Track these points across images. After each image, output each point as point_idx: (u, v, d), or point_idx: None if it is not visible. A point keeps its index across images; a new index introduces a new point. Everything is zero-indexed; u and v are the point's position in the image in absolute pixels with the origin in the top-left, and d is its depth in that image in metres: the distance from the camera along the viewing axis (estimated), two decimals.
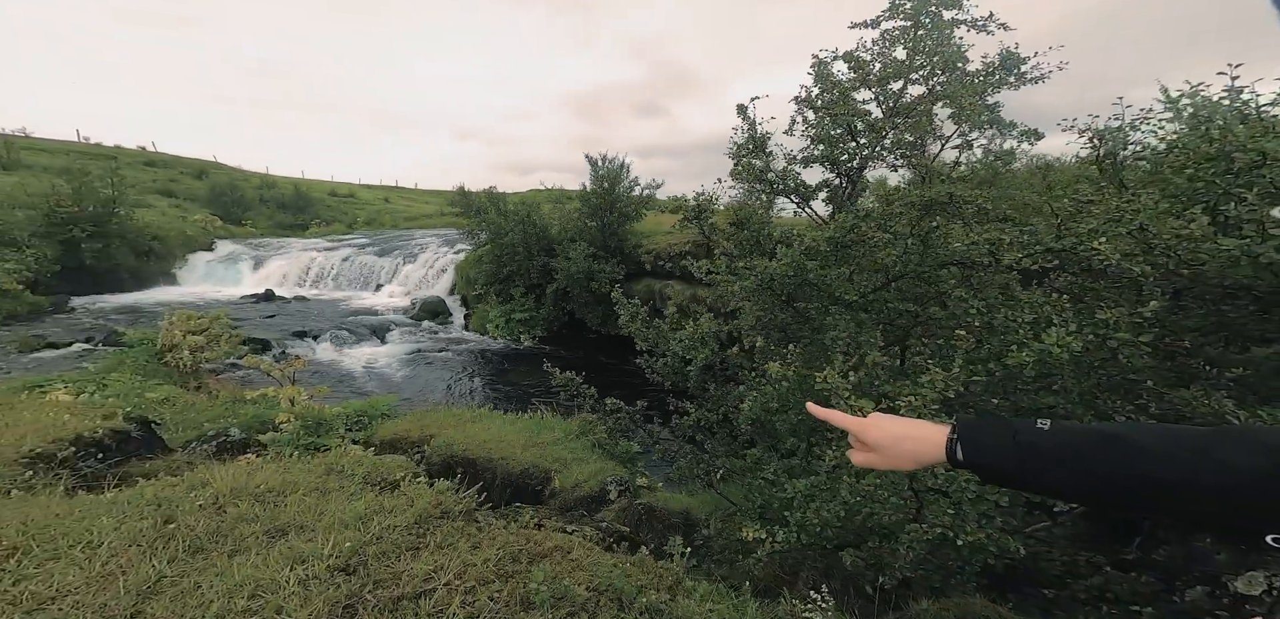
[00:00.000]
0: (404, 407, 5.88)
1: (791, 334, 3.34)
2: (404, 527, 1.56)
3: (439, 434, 3.69)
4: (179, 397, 5.57)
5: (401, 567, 1.37)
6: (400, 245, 18.18)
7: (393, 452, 3.85)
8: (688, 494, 4.27)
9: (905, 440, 0.64)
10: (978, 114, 2.93)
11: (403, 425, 4.30)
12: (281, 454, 2.69)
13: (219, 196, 23.12)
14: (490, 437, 4.06)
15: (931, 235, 2.60)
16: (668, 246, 10.28)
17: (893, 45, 3.29)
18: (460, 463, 3.56)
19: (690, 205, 3.45)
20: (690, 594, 1.61)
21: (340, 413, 4.51)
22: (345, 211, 28.31)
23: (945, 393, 1.76)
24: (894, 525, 2.00)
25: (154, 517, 1.53)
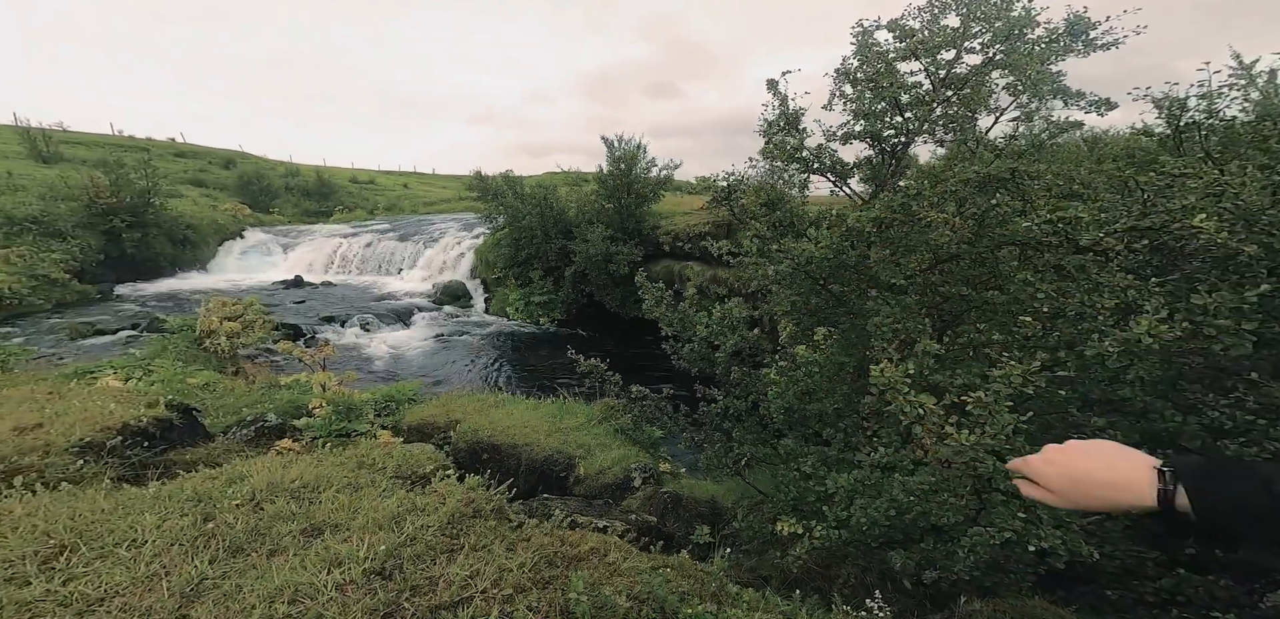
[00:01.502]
0: (429, 391, 5.92)
1: (825, 318, 3.17)
2: (437, 527, 1.50)
3: (464, 420, 3.67)
4: (218, 381, 5.70)
5: (437, 571, 1.30)
6: (420, 230, 18.33)
7: (420, 438, 3.84)
8: (713, 482, 4.19)
9: (1097, 488, 0.52)
10: (1041, 84, 2.67)
11: (429, 410, 4.30)
12: (315, 442, 2.68)
13: (247, 185, 23.64)
14: (514, 422, 4.03)
15: (989, 213, 2.39)
16: (687, 227, 10.07)
17: (944, 12, 3.01)
18: (485, 449, 3.53)
19: (720, 186, 3.27)
20: (736, 602, 1.51)
21: (369, 399, 4.54)
22: (366, 198, 28.67)
23: (1023, 389, 1.59)
24: (953, 528, 1.86)
25: (194, 514, 1.50)
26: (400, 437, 3.53)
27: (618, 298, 10.89)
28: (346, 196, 27.78)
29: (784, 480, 3.08)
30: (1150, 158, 2.24)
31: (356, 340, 10.13)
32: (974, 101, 2.82)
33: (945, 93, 2.96)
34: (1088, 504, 0.53)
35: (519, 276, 12.69)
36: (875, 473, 2.19)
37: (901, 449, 2.03)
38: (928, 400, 1.65)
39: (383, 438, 3.05)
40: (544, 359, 9.32)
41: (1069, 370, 1.88)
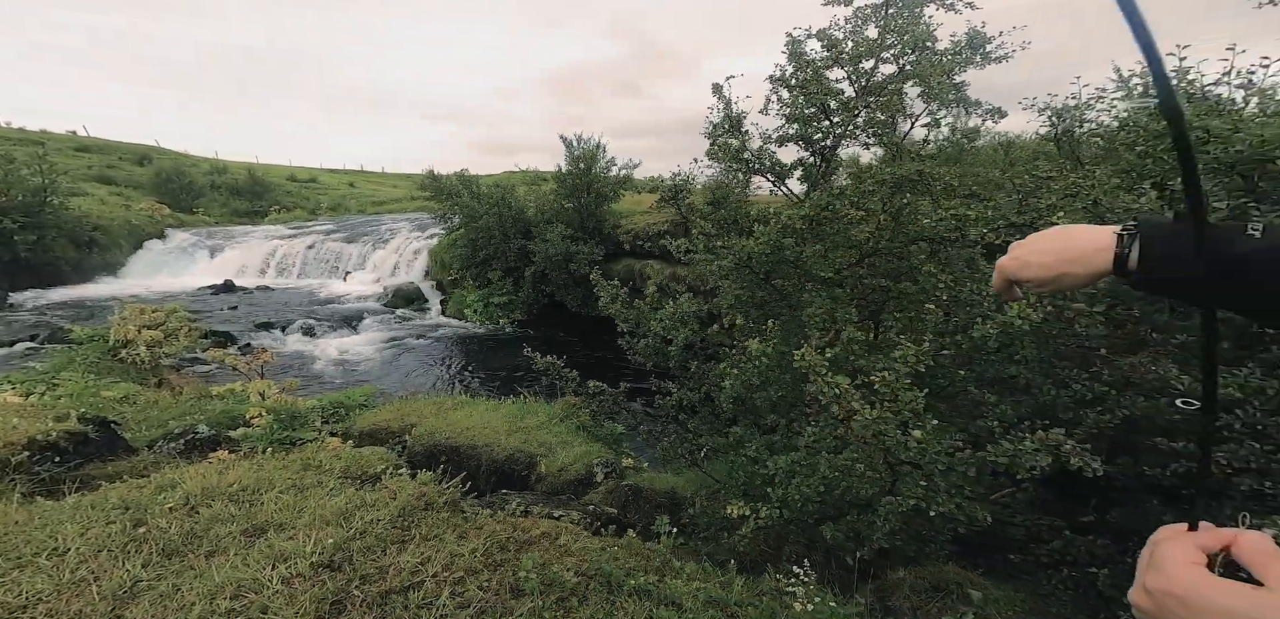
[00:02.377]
0: (382, 397, 5.76)
1: (770, 311, 3.39)
2: (388, 520, 1.54)
3: (421, 423, 3.64)
4: (139, 394, 5.29)
5: (387, 561, 1.36)
6: (369, 231, 17.53)
7: (373, 443, 3.77)
8: (674, 474, 4.35)
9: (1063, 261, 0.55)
10: (945, 93, 2.97)
11: (382, 416, 4.21)
12: (255, 451, 2.60)
13: (165, 183, 21.69)
14: (473, 424, 4.03)
15: (902, 212, 2.66)
16: (647, 226, 10.24)
17: (865, 23, 3.29)
18: (444, 451, 3.53)
19: (666, 185, 3.42)
20: (678, 574, 1.65)
21: (315, 406, 4.38)
22: (307, 197, 27.00)
23: (917, 367, 1.82)
24: (871, 499, 2.09)
25: (123, 521, 1.46)
26: (350, 442, 3.45)
27: (579, 297, 10.92)
28: (284, 196, 26.07)
29: (735, 466, 3.28)
30: (1030, 161, 2.58)
31: (300, 347, 9.62)
32: (891, 107, 3.10)
33: (868, 99, 3.23)
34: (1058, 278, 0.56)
35: (477, 278, 12.44)
36: (809, 454, 2.41)
37: (836, 431, 2.25)
38: (843, 381, 1.86)
39: (331, 445, 2.99)
40: (504, 360, 9.22)
41: (964, 351, 2.15)
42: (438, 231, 14.57)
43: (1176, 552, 0.42)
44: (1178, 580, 0.40)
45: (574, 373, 3.86)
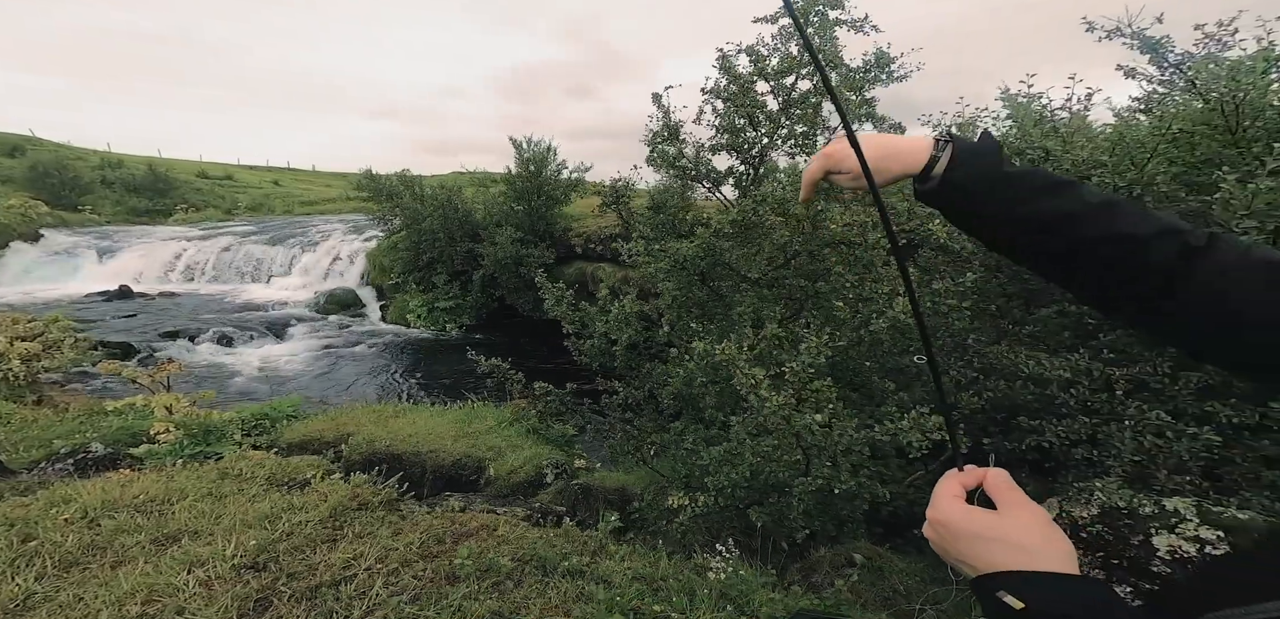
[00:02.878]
0: (314, 407, 5.48)
1: (708, 311, 3.62)
2: (318, 521, 1.56)
3: (358, 432, 3.54)
4: (14, 413, 4.72)
5: (317, 559, 1.39)
6: (297, 233, 16.38)
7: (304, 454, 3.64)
8: (624, 472, 4.49)
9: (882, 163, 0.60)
10: (857, 108, 3.32)
11: (314, 426, 4.03)
12: (163, 466, 2.46)
13: (43, 177, 19.14)
14: (417, 431, 3.97)
15: (819, 217, 2.96)
16: (598, 230, 10.33)
17: (788, 40, 3.60)
18: (383, 459, 3.47)
19: (608, 190, 3.57)
20: (611, 556, 1.79)
21: (234, 418, 4.13)
22: (221, 196, 24.75)
23: (818, 358, 2.08)
24: (788, 482, 2.34)
25: (7, 536, 1.38)
26: (275, 452, 3.30)
27: (531, 301, 10.83)
28: (193, 194, 23.75)
29: (676, 458, 3.48)
30: None
31: (215, 358, 8.88)
32: (809, 121, 3.42)
33: (792, 111, 3.54)
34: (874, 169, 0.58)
35: (421, 282, 12.00)
36: (738, 443, 2.64)
37: (756, 419, 2.48)
38: (758, 373, 2.08)
39: (254, 456, 2.87)
40: (450, 366, 8.98)
41: (867, 345, 2.46)
42: (377, 234, 13.89)
43: (944, 489, 0.52)
44: (942, 511, 0.50)
45: (519, 374, 3.91)
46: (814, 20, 3.45)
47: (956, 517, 0.48)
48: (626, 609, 1.35)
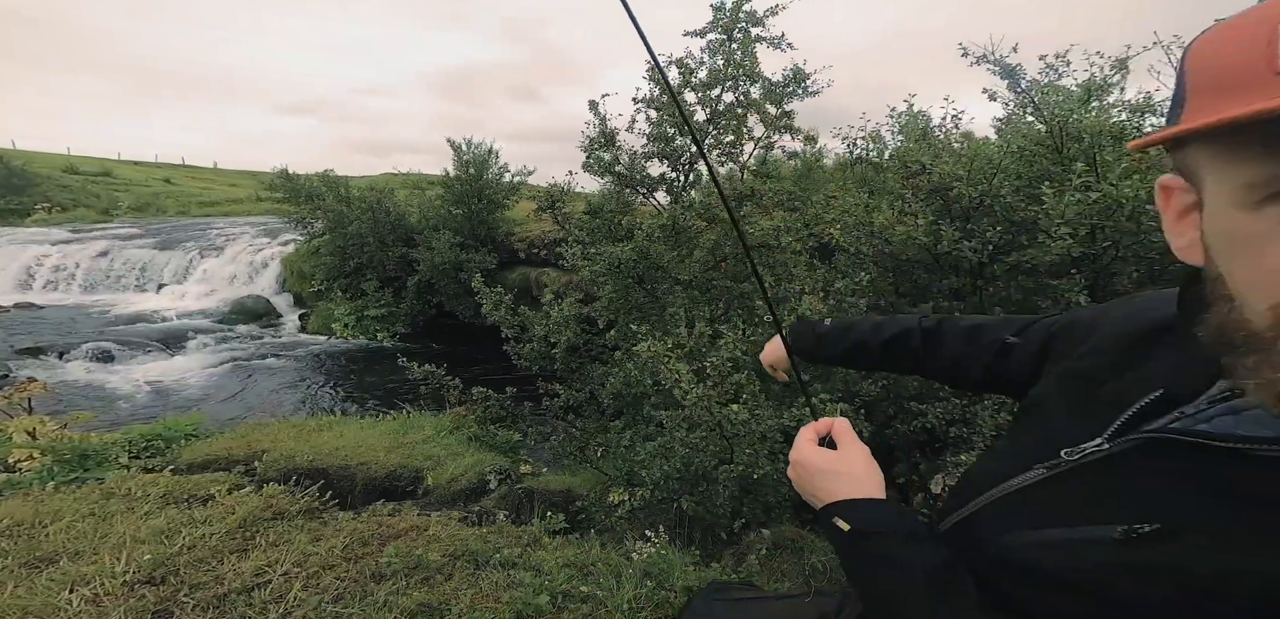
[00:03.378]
0: (222, 425, 5.05)
1: (645, 313, 3.80)
2: (224, 532, 1.52)
3: (274, 449, 3.30)
4: None
5: (225, 568, 1.36)
6: (194, 236, 14.82)
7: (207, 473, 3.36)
8: (571, 474, 4.55)
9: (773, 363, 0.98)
10: (776, 122, 3.64)
11: (220, 444, 3.70)
12: (30, 491, 2.19)
13: None
14: (345, 445, 3.79)
15: (743, 221, 3.23)
16: (542, 234, 10.27)
17: (715, 54, 3.87)
18: (306, 474, 3.29)
19: (543, 194, 3.64)
20: (546, 548, 1.88)
21: (119, 440, 3.73)
22: (96, 194, 21.77)
23: (736, 352, 2.31)
24: (714, 470, 2.54)
25: None
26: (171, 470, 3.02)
27: (472, 307, 10.52)
28: (59, 191, 20.68)
29: (615, 455, 3.62)
30: (826, 179, 3.34)
31: (92, 376, 7.86)
32: (735, 131, 3.70)
33: (720, 121, 3.80)
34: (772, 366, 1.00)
35: (348, 289, 11.30)
36: (669, 436, 2.82)
37: (683, 412, 2.67)
38: (682, 368, 2.27)
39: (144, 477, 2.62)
40: (383, 376, 8.56)
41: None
42: (295, 238, 12.87)
43: (802, 436, 0.66)
44: (801, 452, 0.63)
45: (456, 380, 3.86)
46: (738, 36, 3.74)
47: (810, 456, 0.62)
48: (555, 592, 1.46)
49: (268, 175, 13.05)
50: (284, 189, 11.88)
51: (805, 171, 5.42)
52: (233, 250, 13.70)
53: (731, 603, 1.04)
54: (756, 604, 1.03)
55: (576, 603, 1.45)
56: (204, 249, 13.73)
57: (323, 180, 11.83)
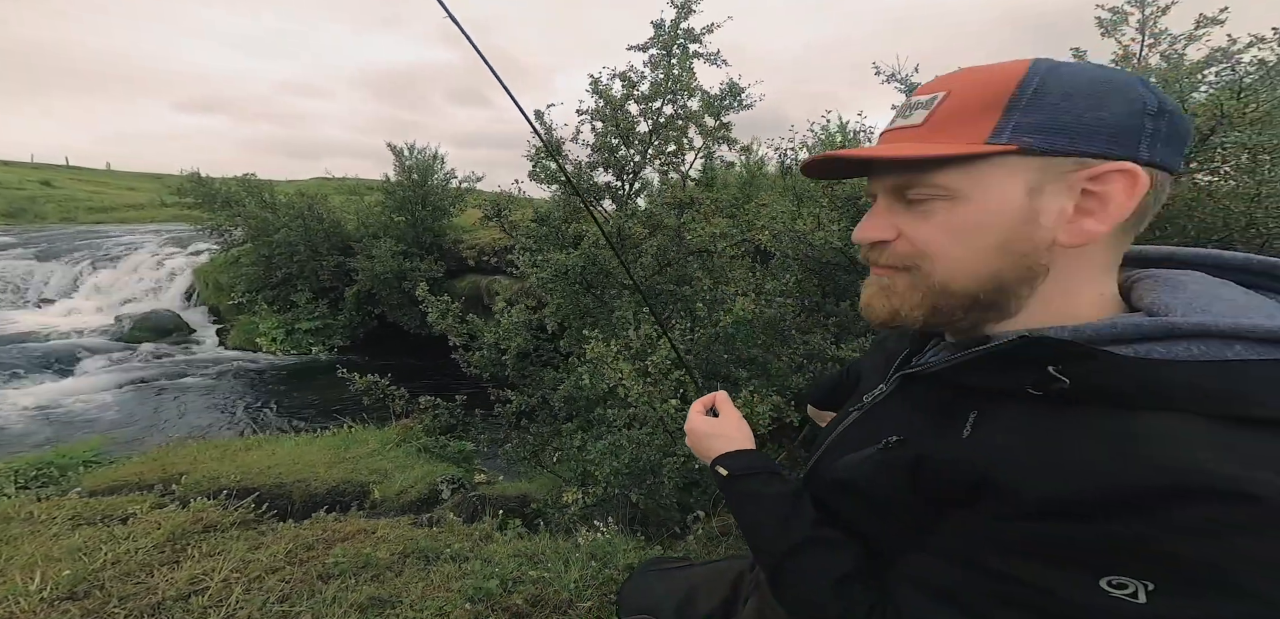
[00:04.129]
0: (127, 450, 4.66)
1: (594, 318, 3.97)
2: (152, 546, 1.51)
3: (195, 470, 3.12)
4: None
5: (157, 579, 1.36)
6: (82, 245, 13.34)
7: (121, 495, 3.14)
8: (527, 480, 4.61)
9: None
10: (714, 133, 3.94)
11: (128, 469, 3.43)
12: None
13: None
14: (278, 462, 3.64)
15: (684, 228, 3.49)
16: (492, 242, 10.15)
17: (656, 68, 4.12)
18: (235, 494, 3.16)
19: (489, 202, 3.73)
20: (497, 542, 2.00)
21: (3, 470, 3.42)
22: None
23: (669, 356, 2.54)
24: (659, 463, 2.75)
25: None
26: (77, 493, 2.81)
27: (417, 318, 10.20)
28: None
29: (568, 457, 3.76)
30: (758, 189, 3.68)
31: None
32: (678, 141, 3.97)
33: (663, 131, 4.06)
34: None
35: (274, 301, 10.61)
36: (618, 434, 3.00)
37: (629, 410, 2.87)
38: (625, 368, 2.47)
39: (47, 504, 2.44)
40: (320, 392, 8.14)
41: (722, 339, 3.01)
42: (209, 247, 11.90)
43: (693, 409, 0.78)
44: (691, 422, 0.76)
45: (402, 390, 3.84)
46: (676, 52, 4.01)
47: (697, 423, 0.75)
48: (505, 578, 1.60)
49: (175, 178, 11.99)
50: (195, 194, 11.00)
51: (748, 179, 5.82)
52: (133, 261, 12.46)
53: (663, 572, 1.15)
54: (684, 571, 1.14)
55: (526, 585, 1.59)
56: (96, 260, 12.36)
57: (242, 185, 11.07)
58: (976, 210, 0.44)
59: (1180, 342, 0.38)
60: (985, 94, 0.44)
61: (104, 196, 23.28)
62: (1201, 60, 2.42)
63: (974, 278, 0.46)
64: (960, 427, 0.45)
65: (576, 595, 1.60)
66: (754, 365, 3.23)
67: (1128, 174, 0.41)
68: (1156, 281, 0.46)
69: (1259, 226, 2.06)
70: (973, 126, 0.44)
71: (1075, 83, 0.42)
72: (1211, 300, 0.42)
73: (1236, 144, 2.04)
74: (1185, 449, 0.34)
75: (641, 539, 2.40)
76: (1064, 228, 0.43)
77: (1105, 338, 0.40)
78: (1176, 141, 0.42)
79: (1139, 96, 0.41)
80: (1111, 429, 0.37)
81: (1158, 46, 2.67)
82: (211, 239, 11.50)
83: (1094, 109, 0.41)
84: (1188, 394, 0.36)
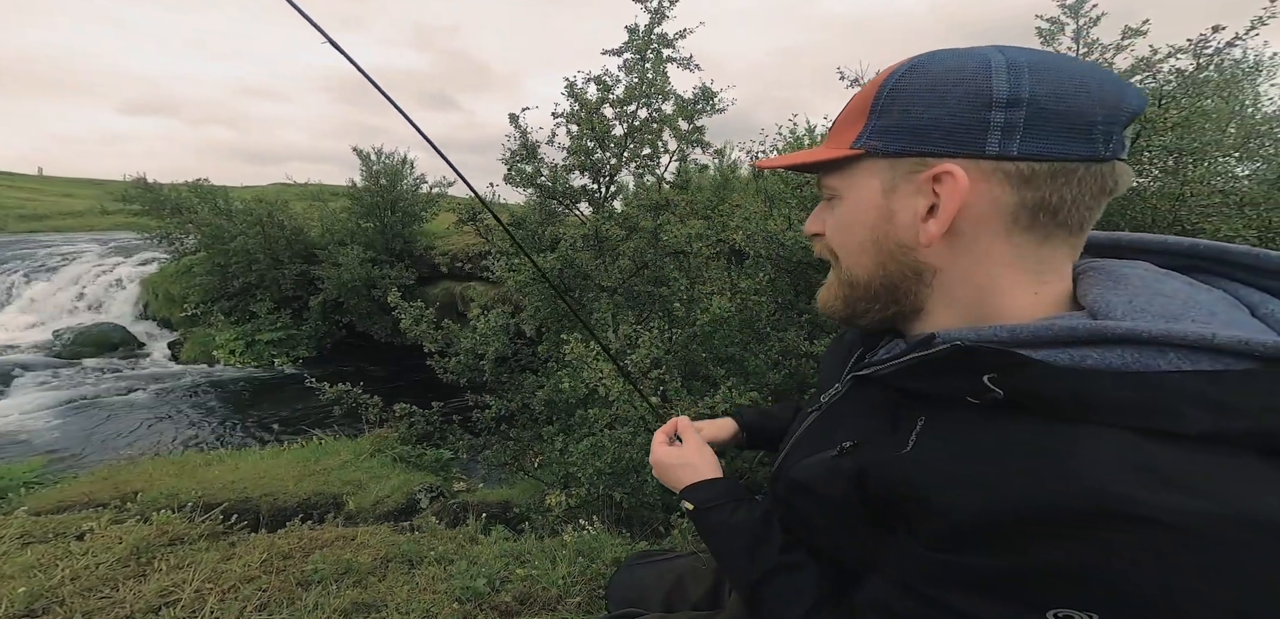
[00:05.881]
0: (73, 469, 4.39)
1: (570, 321, 4.00)
2: (114, 560, 1.45)
3: (150, 488, 2.97)
4: None
5: (123, 594, 1.31)
6: (13, 256, 12.47)
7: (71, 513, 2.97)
8: (508, 487, 4.57)
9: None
10: (688, 136, 4.04)
11: (76, 489, 3.22)
12: None
13: None
14: (242, 477, 3.51)
15: (661, 229, 3.56)
16: (465, 247, 10.00)
17: (631, 72, 4.19)
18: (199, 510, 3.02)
19: (464, 207, 3.72)
20: (481, 543, 2.01)
21: None
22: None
23: (653, 350, 2.60)
24: (642, 462, 2.81)
25: None
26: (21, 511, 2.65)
27: (388, 326, 9.96)
28: None
29: (551, 460, 3.77)
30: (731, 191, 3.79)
31: None
32: (652, 144, 4.05)
33: (637, 135, 4.13)
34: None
35: (232, 311, 10.17)
36: (600, 435, 3.04)
37: (610, 410, 2.92)
38: (606, 367, 2.52)
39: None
40: (286, 404, 7.83)
41: (700, 337, 3.09)
42: (157, 256, 11.30)
43: (656, 438, 0.76)
44: (656, 453, 0.74)
45: (376, 399, 3.77)
46: (650, 57, 4.09)
47: (660, 454, 0.73)
48: (493, 577, 1.62)
49: (118, 184, 11.32)
50: (142, 200, 10.45)
51: (722, 182, 5.96)
52: (72, 272, 11.69)
53: (650, 564, 1.18)
54: (670, 562, 1.16)
55: (514, 583, 1.62)
56: (30, 271, 11.54)
57: (194, 190, 10.56)
58: (849, 209, 0.48)
59: (1114, 348, 0.36)
60: (862, 99, 0.45)
61: (37, 204, 21.75)
62: (1127, 70, 2.66)
63: (864, 272, 0.48)
64: (905, 437, 0.44)
65: (565, 591, 1.64)
66: (732, 363, 3.33)
67: (949, 174, 0.40)
68: (1099, 275, 0.44)
69: (1183, 222, 2.28)
70: (850, 130, 0.46)
71: (925, 80, 0.41)
72: (1151, 297, 0.39)
73: (1159, 148, 2.26)
74: (1113, 468, 0.32)
75: (626, 536, 2.45)
76: (919, 228, 0.43)
77: (1041, 340, 0.39)
78: (1054, 127, 0.38)
79: (983, 88, 0.38)
80: (1044, 444, 0.35)
81: (1091, 55, 2.92)
82: (161, 248, 10.93)
83: (932, 107, 0.40)
84: (1123, 410, 0.34)
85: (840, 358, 0.62)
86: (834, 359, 0.64)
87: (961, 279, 0.44)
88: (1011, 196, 0.40)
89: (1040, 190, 0.39)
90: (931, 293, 0.46)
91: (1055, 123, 0.38)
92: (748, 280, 2.96)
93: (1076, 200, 0.40)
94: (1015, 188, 0.40)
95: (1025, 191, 0.40)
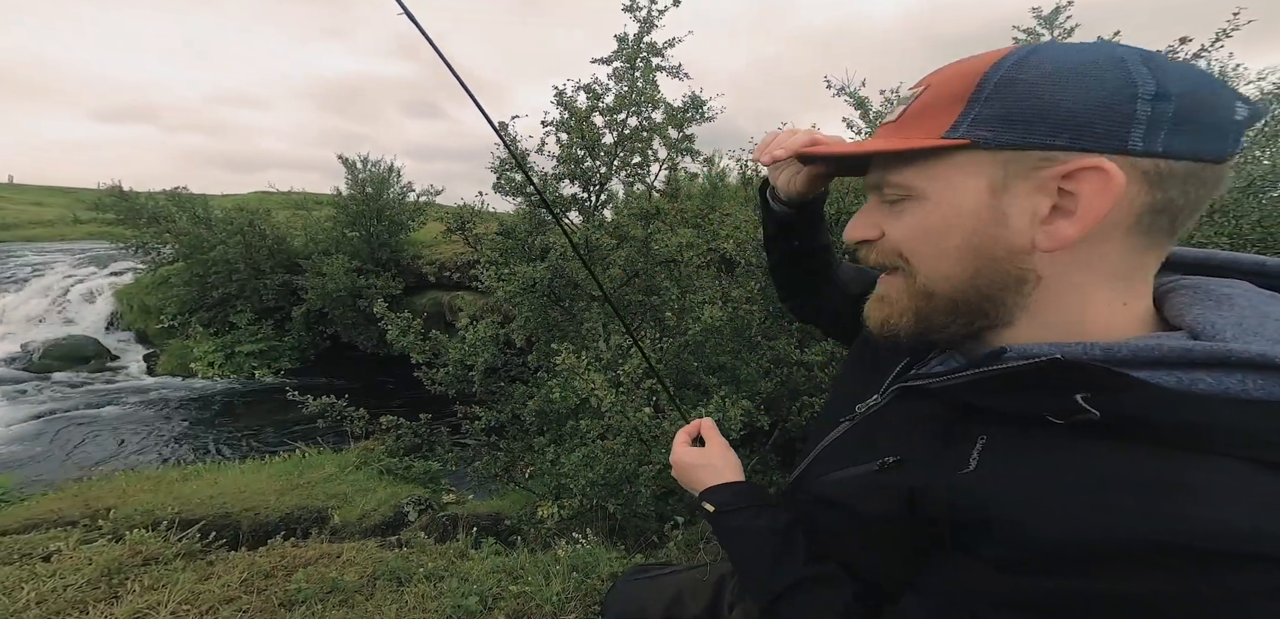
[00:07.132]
0: (40, 485, 4.22)
1: (563, 331, 3.97)
2: (86, 582, 1.40)
3: (124, 504, 2.87)
4: None
5: (94, 616, 1.28)
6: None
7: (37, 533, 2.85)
8: (499, 498, 4.51)
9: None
10: (678, 144, 4.06)
11: (43, 506, 3.09)
12: None
13: None
14: (222, 491, 3.40)
15: (651, 239, 3.57)
16: (453, 257, 9.92)
17: (620, 81, 4.20)
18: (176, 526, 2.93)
19: (453, 216, 3.68)
20: (473, 559, 1.97)
21: None
22: None
23: (649, 359, 2.59)
24: (634, 471, 2.79)
25: None
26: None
27: (375, 336, 9.81)
28: None
29: (541, 471, 3.73)
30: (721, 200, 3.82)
31: None
32: (642, 153, 4.06)
33: (628, 143, 4.14)
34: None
35: (211, 322, 9.94)
36: (592, 446, 3.02)
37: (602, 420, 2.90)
38: (598, 378, 2.50)
39: None
40: (268, 416, 7.66)
41: (692, 346, 3.10)
42: (133, 266, 11.01)
43: (678, 439, 0.75)
44: (677, 453, 0.73)
45: (361, 411, 3.69)
46: (640, 65, 4.11)
47: (681, 454, 0.73)
48: (485, 594, 1.59)
49: (92, 192, 11.03)
50: (117, 209, 10.19)
51: (711, 190, 6.00)
52: (42, 283, 11.35)
53: (647, 579, 1.14)
54: (669, 577, 1.13)
55: (506, 601, 1.59)
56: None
57: (172, 199, 10.34)
58: (938, 209, 0.41)
59: (1234, 373, 0.33)
60: (956, 85, 0.40)
61: (6, 213, 21.04)
62: None
63: (949, 283, 0.43)
64: (966, 454, 0.41)
65: (560, 608, 1.62)
66: (724, 372, 3.33)
67: (1099, 171, 0.35)
68: (1196, 293, 0.40)
69: None
70: (935, 120, 0.40)
71: (1050, 67, 0.37)
72: (1261, 320, 0.37)
73: None
74: (1237, 503, 0.31)
75: (621, 549, 2.43)
76: (1039, 231, 0.38)
77: (1144, 359, 0.36)
78: (1198, 125, 0.35)
79: (1126, 79, 0.35)
80: (1150, 473, 0.33)
81: None
82: (136, 258, 10.67)
83: (1062, 97, 0.36)
84: (1243, 439, 0.32)
85: (871, 367, 0.57)
86: (859, 369, 0.61)
87: (1063, 289, 0.40)
88: (1143, 197, 0.36)
89: (1170, 191, 0.36)
90: (1025, 305, 0.42)
91: (1203, 118, 0.35)
92: (739, 289, 2.98)
93: (1195, 203, 0.37)
94: (1150, 188, 0.36)
95: (1156, 192, 0.36)
